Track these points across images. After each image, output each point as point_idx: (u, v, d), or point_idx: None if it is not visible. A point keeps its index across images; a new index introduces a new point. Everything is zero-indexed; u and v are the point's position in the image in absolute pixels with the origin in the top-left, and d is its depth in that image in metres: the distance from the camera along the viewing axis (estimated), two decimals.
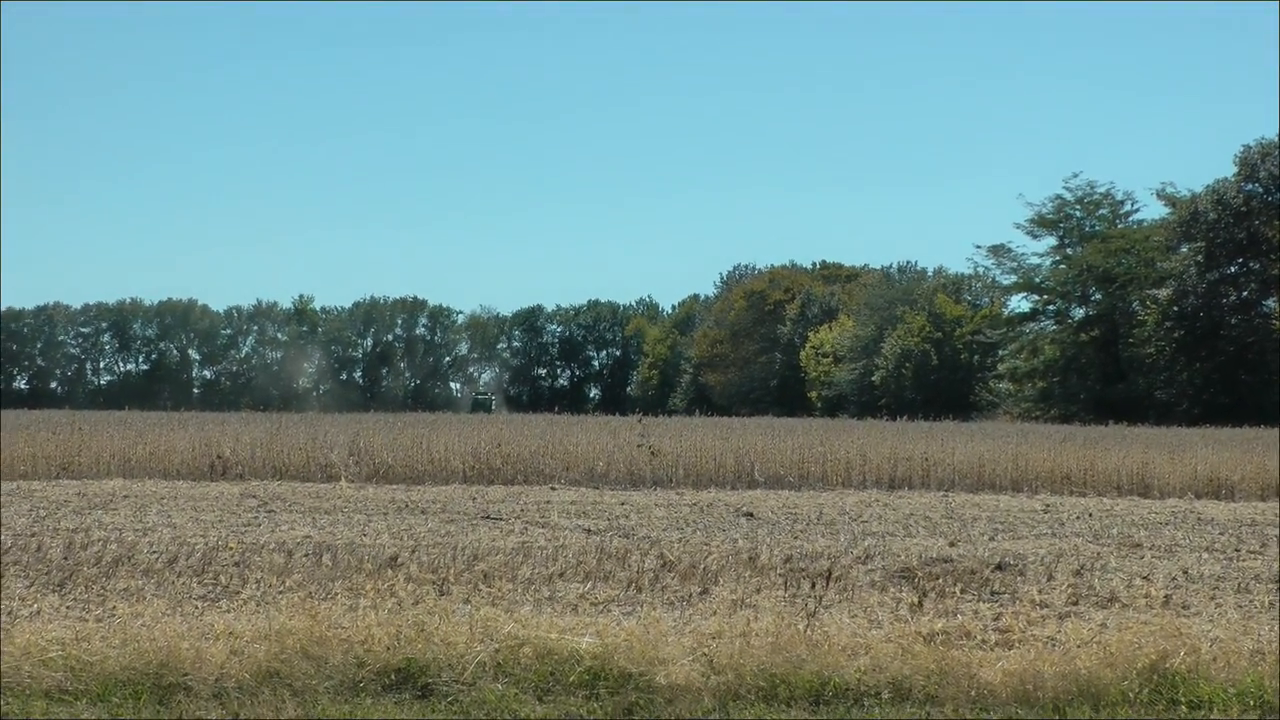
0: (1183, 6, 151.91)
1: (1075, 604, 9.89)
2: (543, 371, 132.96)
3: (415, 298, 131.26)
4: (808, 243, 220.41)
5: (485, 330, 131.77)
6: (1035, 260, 74.68)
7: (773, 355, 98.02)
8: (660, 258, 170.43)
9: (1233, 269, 63.47)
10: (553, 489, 20.03)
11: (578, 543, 12.76)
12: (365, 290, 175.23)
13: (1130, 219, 72.66)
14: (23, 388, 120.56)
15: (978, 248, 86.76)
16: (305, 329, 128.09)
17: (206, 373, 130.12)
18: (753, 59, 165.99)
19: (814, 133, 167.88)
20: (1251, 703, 7.22)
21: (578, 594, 9.90)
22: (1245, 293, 63.37)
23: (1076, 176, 74.94)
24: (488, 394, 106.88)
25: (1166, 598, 10.12)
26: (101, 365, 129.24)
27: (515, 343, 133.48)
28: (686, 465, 21.94)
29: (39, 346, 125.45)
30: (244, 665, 7.41)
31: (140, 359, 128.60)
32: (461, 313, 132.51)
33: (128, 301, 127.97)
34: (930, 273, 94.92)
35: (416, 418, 45.02)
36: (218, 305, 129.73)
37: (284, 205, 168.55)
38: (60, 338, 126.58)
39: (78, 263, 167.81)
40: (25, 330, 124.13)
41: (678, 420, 41.11)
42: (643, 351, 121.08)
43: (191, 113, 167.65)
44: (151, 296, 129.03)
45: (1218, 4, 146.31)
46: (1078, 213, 73.07)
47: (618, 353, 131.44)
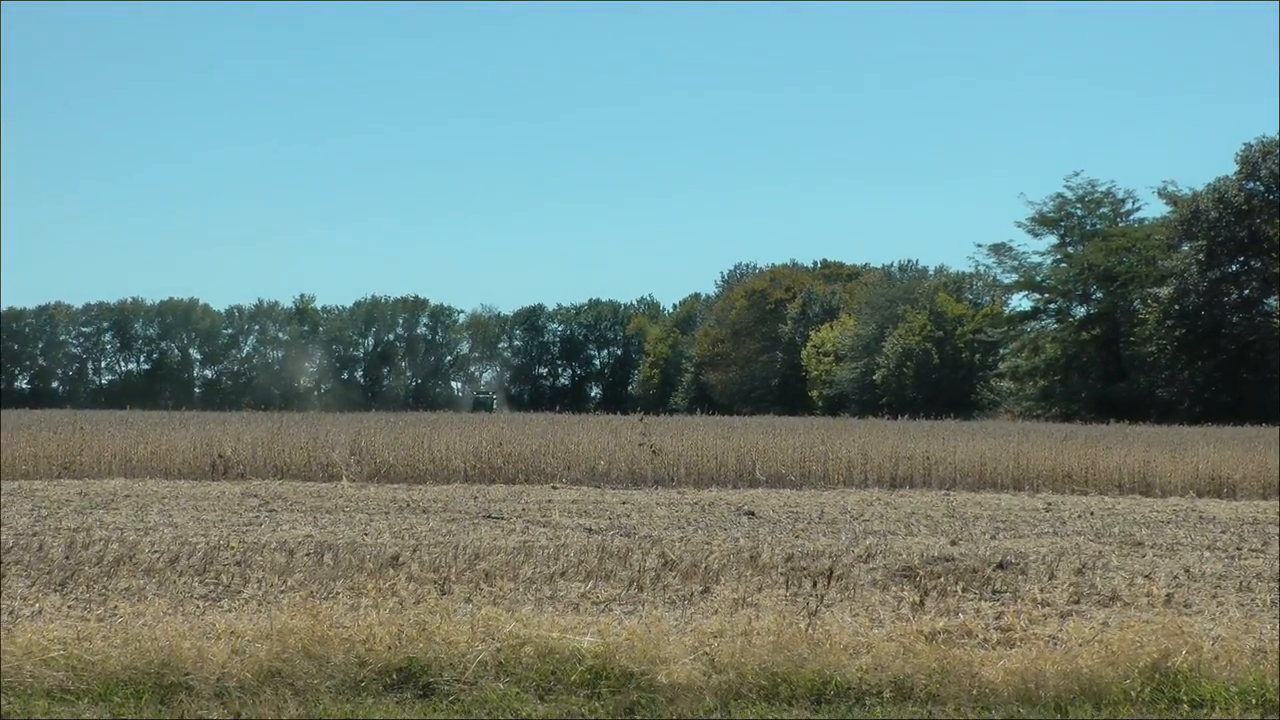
0: (1184, 6, 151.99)
1: (1077, 603, 9.88)
2: (544, 371, 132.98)
3: (416, 297, 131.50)
4: (809, 241, 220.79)
5: (486, 329, 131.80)
6: (1036, 259, 74.87)
7: (774, 354, 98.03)
8: (661, 257, 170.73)
9: (1234, 267, 63.48)
10: (554, 488, 20.02)
11: (579, 542, 12.75)
12: (366, 289, 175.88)
13: (1131, 217, 72.76)
14: (24, 387, 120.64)
15: (979, 246, 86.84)
16: (306, 328, 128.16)
17: (208, 372, 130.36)
18: (753, 58, 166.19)
19: (815, 132, 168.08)
20: (1253, 701, 7.22)
21: (579, 593, 9.90)
22: (1246, 291, 63.38)
23: (1078, 175, 75.17)
24: (489, 393, 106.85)
25: (1168, 596, 10.12)
26: (103, 365, 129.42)
27: (516, 342, 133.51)
28: (688, 464, 21.92)
29: (40, 346, 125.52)
30: (245, 665, 7.40)
31: (141, 358, 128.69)
32: (463, 312, 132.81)
33: (129, 301, 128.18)
34: (931, 271, 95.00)
35: (418, 417, 45.04)
36: (219, 305, 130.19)
37: (285, 205, 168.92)
38: (61, 337, 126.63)
39: (79, 262, 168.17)
40: (27, 330, 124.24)
41: (679, 419, 41.15)
42: (644, 350, 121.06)
43: (192, 112, 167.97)
44: (153, 296, 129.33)
45: (1219, 3, 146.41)
46: (1079, 211, 73.09)
47: (619, 352, 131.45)
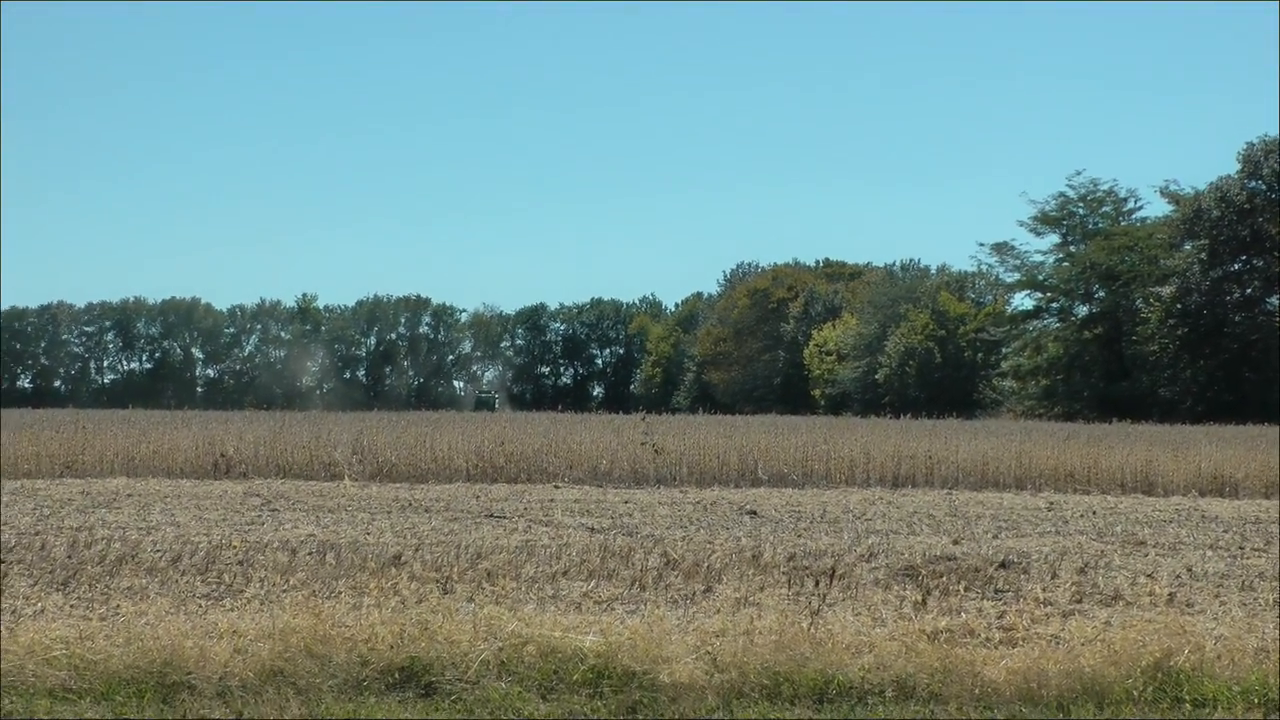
0: (1186, 5, 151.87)
1: (1079, 602, 9.88)
2: (546, 370, 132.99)
3: (418, 296, 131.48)
4: (811, 240, 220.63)
5: (488, 328, 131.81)
6: (1039, 258, 74.81)
7: (776, 353, 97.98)
8: (663, 256, 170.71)
9: (1236, 266, 63.46)
10: (556, 487, 20.02)
11: (581, 541, 12.75)
12: (368, 289, 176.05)
13: (1133, 216, 72.71)
14: (26, 387, 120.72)
15: (981, 245, 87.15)
16: (309, 327, 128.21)
17: (210, 371, 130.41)
18: (754, 58, 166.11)
19: (816, 131, 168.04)
20: (1256, 700, 7.21)
21: (581, 592, 9.89)
22: (1249, 290, 63.35)
23: (1080, 174, 74.89)
24: (491, 392, 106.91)
25: (1171, 595, 10.11)
26: (105, 364, 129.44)
27: (518, 341, 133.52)
28: (690, 463, 21.93)
29: (43, 345, 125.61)
30: (248, 664, 7.41)
31: (144, 358, 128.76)
32: (465, 311, 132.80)
33: (131, 300, 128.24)
34: (933, 270, 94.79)
35: (420, 416, 45.07)
36: (221, 304, 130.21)
37: (287, 204, 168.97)
38: (64, 336, 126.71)
39: (81, 262, 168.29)
40: (29, 329, 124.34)
41: (681, 418, 41.15)
42: (646, 349, 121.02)
43: (193, 112, 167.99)
44: (155, 295, 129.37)
45: (1221, 3, 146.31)
46: (1081, 210, 73.04)
47: (621, 351, 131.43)
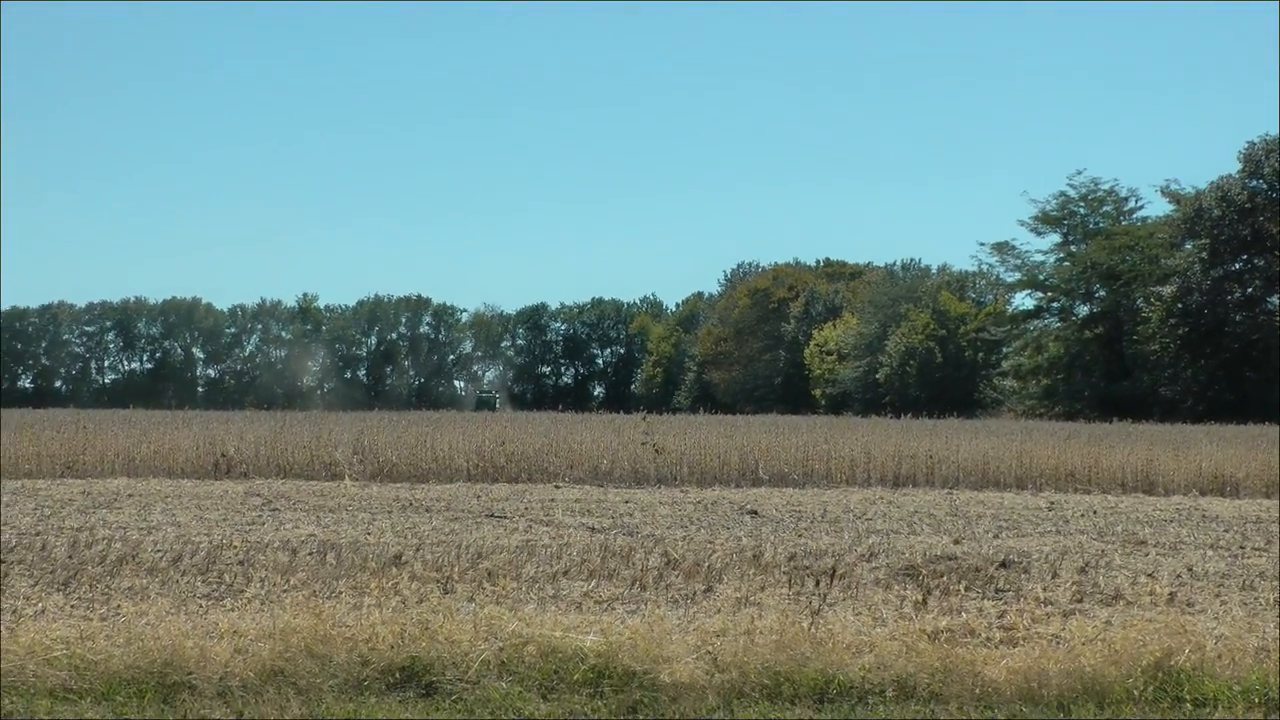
0: (1187, 5, 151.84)
1: (1080, 601, 9.88)
2: (547, 369, 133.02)
3: (419, 296, 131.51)
4: (811, 240, 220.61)
5: (489, 328, 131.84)
6: (1039, 257, 74.83)
7: (777, 353, 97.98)
8: (664, 255, 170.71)
9: (1237, 266, 63.45)
10: (557, 487, 20.02)
11: (582, 541, 12.75)
12: (369, 288, 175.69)
13: (1134, 216, 72.72)
14: (27, 386, 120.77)
15: (982, 245, 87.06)
16: (309, 327, 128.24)
17: (211, 371, 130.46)
18: (754, 58, 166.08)
19: (817, 130, 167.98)
20: (1256, 700, 7.21)
21: (582, 592, 9.90)
22: (1250, 289, 63.34)
23: (1080, 173, 74.87)
24: (492, 392, 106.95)
25: (1171, 595, 10.11)
26: (106, 364, 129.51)
27: (519, 341, 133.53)
28: (691, 463, 21.93)
29: (43, 345, 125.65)
30: (248, 664, 7.41)
31: (144, 357, 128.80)
32: (465, 311, 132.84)
33: (132, 300, 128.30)
34: (934, 270, 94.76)
35: (420, 416, 45.06)
36: (222, 304, 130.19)
37: (288, 204, 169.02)
38: (65, 336, 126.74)
39: (82, 261, 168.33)
40: (30, 329, 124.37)
41: (682, 418, 41.14)
42: (647, 349, 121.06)
43: (193, 111, 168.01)
44: (156, 295, 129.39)
45: (1222, 2, 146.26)
46: (1082, 210, 73.04)
47: (622, 350, 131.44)
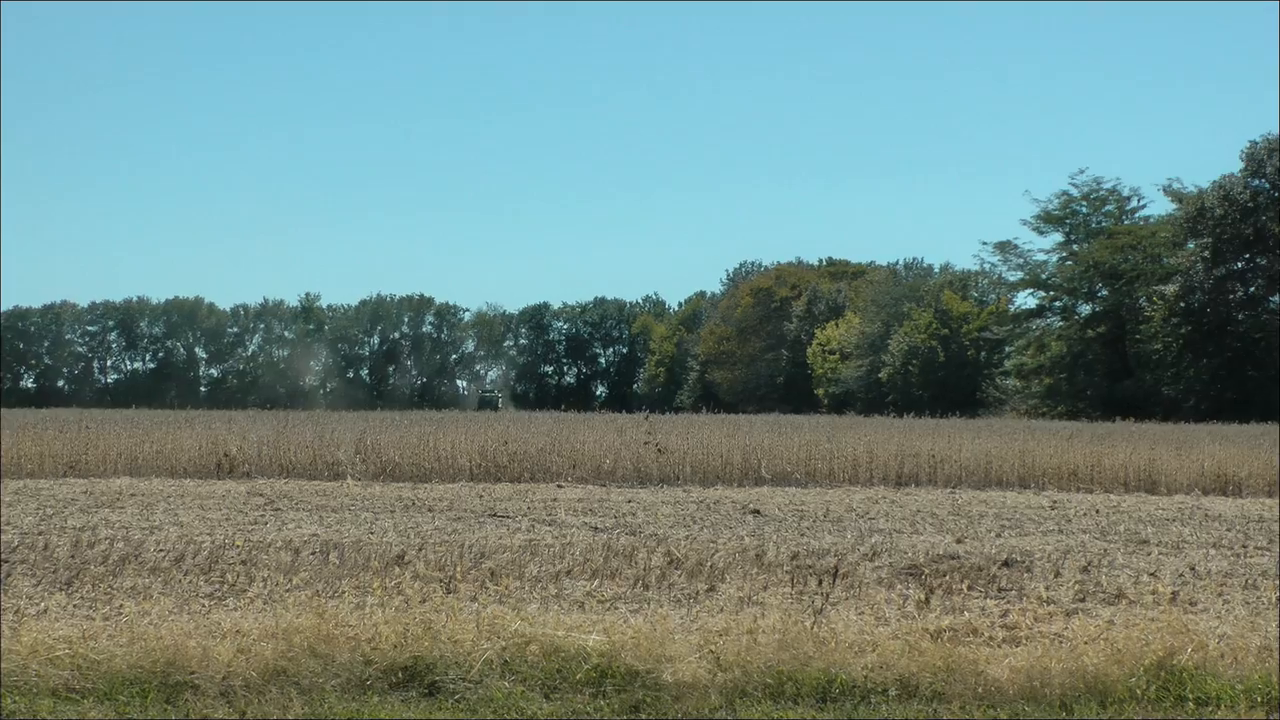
0: (1188, 4, 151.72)
1: (1082, 601, 9.88)
2: (549, 369, 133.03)
3: (422, 295, 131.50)
4: (814, 240, 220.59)
5: (492, 328, 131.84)
6: (1042, 256, 74.82)
7: (779, 352, 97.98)
8: (666, 255, 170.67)
9: (1239, 265, 63.38)
10: (560, 487, 20.03)
11: (585, 540, 12.76)
12: (372, 288, 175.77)
13: (1137, 215, 72.67)
14: (30, 386, 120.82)
15: (984, 244, 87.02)
16: (312, 327, 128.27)
17: (213, 371, 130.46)
18: (758, 57, 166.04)
19: (820, 130, 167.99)
20: (1259, 699, 7.20)
21: (584, 591, 9.90)
22: (1252, 288, 63.28)
23: (1083, 173, 74.80)
24: (494, 391, 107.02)
25: (1174, 594, 10.11)
26: (108, 364, 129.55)
27: (522, 340, 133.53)
28: (693, 463, 21.94)
29: (46, 345, 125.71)
30: (251, 663, 7.41)
31: (147, 357, 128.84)
32: (468, 310, 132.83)
33: (134, 300, 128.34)
34: (937, 269, 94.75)
35: (423, 415, 45.07)
36: (224, 303, 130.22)
37: (290, 204, 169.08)
38: (67, 336, 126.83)
39: (84, 261, 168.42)
40: (32, 329, 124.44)
41: (684, 417, 41.11)
42: (649, 349, 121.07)
43: (194, 111, 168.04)
44: (158, 295, 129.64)
45: (1224, 2, 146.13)
46: (1084, 209, 72.99)
47: (624, 350, 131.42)
